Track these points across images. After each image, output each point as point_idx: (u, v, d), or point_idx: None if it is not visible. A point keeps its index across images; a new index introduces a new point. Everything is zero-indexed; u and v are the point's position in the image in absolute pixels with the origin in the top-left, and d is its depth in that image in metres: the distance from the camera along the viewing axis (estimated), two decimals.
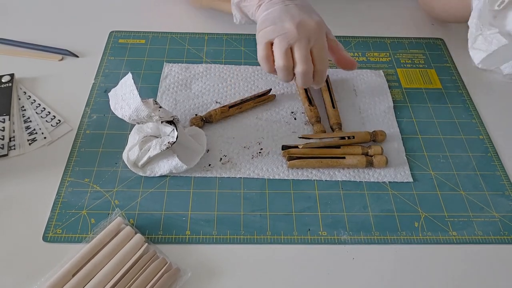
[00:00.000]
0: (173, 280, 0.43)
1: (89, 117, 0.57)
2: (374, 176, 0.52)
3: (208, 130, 0.56)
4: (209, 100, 0.60)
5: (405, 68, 0.66)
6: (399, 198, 0.51)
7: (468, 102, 0.62)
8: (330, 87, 0.60)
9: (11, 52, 0.65)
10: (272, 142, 0.55)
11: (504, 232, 0.48)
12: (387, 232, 0.48)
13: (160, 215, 0.48)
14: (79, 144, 0.54)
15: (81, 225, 0.47)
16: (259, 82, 0.62)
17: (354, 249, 0.46)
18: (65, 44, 0.66)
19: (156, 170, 0.51)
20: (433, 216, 0.49)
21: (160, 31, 0.70)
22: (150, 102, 0.49)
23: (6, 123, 0.55)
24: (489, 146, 0.56)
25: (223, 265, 0.45)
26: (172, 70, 0.63)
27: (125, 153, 0.51)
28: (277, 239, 0.47)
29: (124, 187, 0.50)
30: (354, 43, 0.70)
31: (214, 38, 0.69)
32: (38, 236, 0.46)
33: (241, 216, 0.48)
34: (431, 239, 0.47)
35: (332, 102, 0.58)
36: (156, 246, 0.45)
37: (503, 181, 0.53)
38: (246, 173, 0.52)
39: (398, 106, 0.61)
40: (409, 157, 0.54)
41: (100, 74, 0.63)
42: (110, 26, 0.70)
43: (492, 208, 0.50)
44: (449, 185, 0.52)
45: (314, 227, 0.48)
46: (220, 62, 0.65)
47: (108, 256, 0.43)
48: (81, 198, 0.49)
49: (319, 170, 0.52)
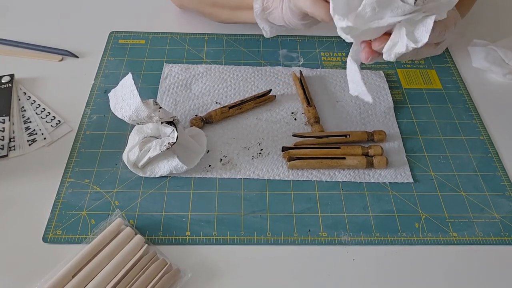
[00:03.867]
0: (173, 281, 0.42)
1: (89, 117, 0.57)
2: (374, 176, 0.52)
3: (208, 131, 0.56)
4: (209, 100, 0.60)
5: (405, 68, 0.66)
6: (399, 199, 0.50)
7: (468, 103, 0.62)
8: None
9: (11, 53, 0.65)
10: (272, 142, 0.55)
11: (505, 233, 0.48)
12: (388, 233, 0.48)
13: (160, 216, 0.48)
14: (79, 145, 0.54)
15: (81, 226, 0.47)
16: (259, 83, 0.62)
17: (354, 250, 0.46)
18: (65, 45, 0.66)
19: (156, 171, 0.51)
20: (434, 217, 0.49)
21: (160, 32, 0.70)
22: (150, 103, 0.49)
23: (6, 124, 0.55)
24: (489, 146, 0.56)
25: (223, 266, 0.45)
26: (172, 71, 0.63)
27: (125, 153, 0.51)
28: (277, 240, 0.47)
29: (124, 188, 0.50)
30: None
31: (214, 39, 0.69)
32: (38, 237, 0.46)
33: (241, 217, 0.48)
34: (432, 240, 0.47)
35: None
36: (156, 247, 0.45)
37: (504, 182, 0.53)
38: (246, 174, 0.52)
39: (398, 106, 0.60)
40: (409, 158, 0.54)
41: (100, 75, 0.62)
42: (110, 26, 0.70)
43: (493, 209, 0.50)
44: (449, 186, 0.52)
45: (315, 228, 0.48)
46: (220, 63, 0.65)
47: (108, 257, 0.43)
48: (81, 199, 0.49)
49: (319, 171, 0.52)
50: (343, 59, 0.67)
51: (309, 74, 0.64)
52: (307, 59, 0.66)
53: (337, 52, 0.68)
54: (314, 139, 0.54)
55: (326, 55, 0.67)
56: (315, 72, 0.64)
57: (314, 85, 0.62)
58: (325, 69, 0.65)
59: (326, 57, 0.67)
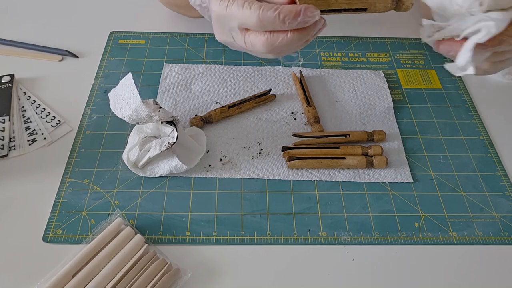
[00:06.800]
0: (173, 281, 0.43)
1: (89, 117, 0.57)
2: (374, 176, 0.52)
3: (208, 131, 0.56)
4: (209, 100, 0.60)
5: (405, 68, 0.66)
6: (399, 199, 0.51)
7: (468, 103, 0.62)
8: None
9: (11, 52, 0.65)
10: (272, 142, 0.55)
11: (505, 233, 0.48)
12: (387, 233, 0.48)
13: (160, 215, 0.48)
14: (79, 145, 0.54)
15: (81, 226, 0.47)
16: (259, 83, 0.62)
17: (354, 249, 0.46)
18: (65, 45, 0.66)
19: (156, 170, 0.51)
20: (433, 217, 0.49)
21: (160, 32, 0.70)
22: (150, 103, 0.49)
23: (6, 124, 0.55)
24: (489, 146, 0.56)
25: (223, 265, 0.45)
26: (172, 71, 0.63)
27: (125, 153, 0.51)
28: (277, 239, 0.47)
29: (124, 187, 0.50)
30: (354, 44, 0.69)
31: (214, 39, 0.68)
32: (38, 237, 0.46)
33: (241, 216, 0.48)
34: (431, 240, 0.47)
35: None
36: (156, 246, 0.45)
37: (503, 182, 0.53)
38: (246, 174, 0.52)
39: (398, 106, 0.61)
40: (409, 158, 0.54)
41: (100, 75, 0.63)
42: (110, 26, 0.70)
43: (493, 208, 0.50)
44: (449, 186, 0.52)
45: (314, 227, 0.48)
46: (220, 63, 0.65)
47: (108, 256, 0.43)
48: (81, 199, 0.49)
49: (319, 171, 0.52)
50: (343, 59, 0.67)
51: (309, 74, 0.64)
52: (307, 59, 0.66)
53: (337, 52, 0.68)
54: (314, 139, 0.54)
55: (326, 55, 0.67)
56: (315, 72, 0.64)
57: (314, 85, 0.62)
58: (325, 69, 0.65)
59: (326, 57, 0.67)
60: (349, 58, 0.67)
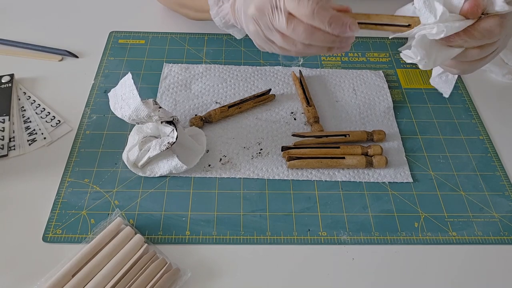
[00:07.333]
0: (173, 281, 0.43)
1: (89, 117, 0.57)
2: (374, 176, 0.52)
3: (207, 131, 0.56)
4: (208, 100, 0.60)
5: (405, 68, 0.66)
6: (399, 199, 0.51)
7: (468, 102, 0.62)
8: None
9: (11, 52, 0.65)
10: (272, 142, 0.55)
11: (504, 233, 0.48)
12: (387, 233, 0.48)
13: (160, 215, 0.48)
14: (79, 145, 0.54)
15: (81, 226, 0.47)
16: (259, 83, 0.62)
17: (354, 249, 0.46)
18: (64, 45, 0.66)
19: (156, 170, 0.51)
20: (433, 217, 0.49)
21: (160, 31, 0.70)
22: (150, 103, 0.49)
23: (6, 124, 0.55)
24: (489, 146, 0.56)
25: (223, 265, 0.45)
26: (172, 71, 0.63)
27: (125, 153, 0.51)
28: (277, 239, 0.47)
29: (124, 187, 0.50)
30: (354, 43, 0.69)
31: (214, 39, 0.69)
32: (38, 237, 0.46)
33: (241, 216, 0.48)
34: (431, 240, 0.47)
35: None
36: (156, 246, 0.45)
37: (503, 182, 0.53)
38: (246, 174, 0.52)
39: (397, 106, 0.61)
40: (409, 158, 0.54)
41: (100, 75, 0.63)
42: (110, 26, 0.70)
43: (492, 208, 0.50)
44: (449, 186, 0.52)
45: (314, 227, 0.48)
46: (220, 63, 0.65)
47: (108, 256, 0.43)
48: (81, 199, 0.49)
49: (319, 171, 0.52)
50: (343, 59, 0.67)
51: (308, 74, 0.64)
52: (306, 59, 0.66)
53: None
54: (313, 139, 0.54)
55: (326, 55, 0.67)
56: (314, 72, 0.64)
57: (313, 85, 0.62)
58: (324, 69, 0.65)
59: (325, 57, 0.67)
60: (349, 58, 0.67)
